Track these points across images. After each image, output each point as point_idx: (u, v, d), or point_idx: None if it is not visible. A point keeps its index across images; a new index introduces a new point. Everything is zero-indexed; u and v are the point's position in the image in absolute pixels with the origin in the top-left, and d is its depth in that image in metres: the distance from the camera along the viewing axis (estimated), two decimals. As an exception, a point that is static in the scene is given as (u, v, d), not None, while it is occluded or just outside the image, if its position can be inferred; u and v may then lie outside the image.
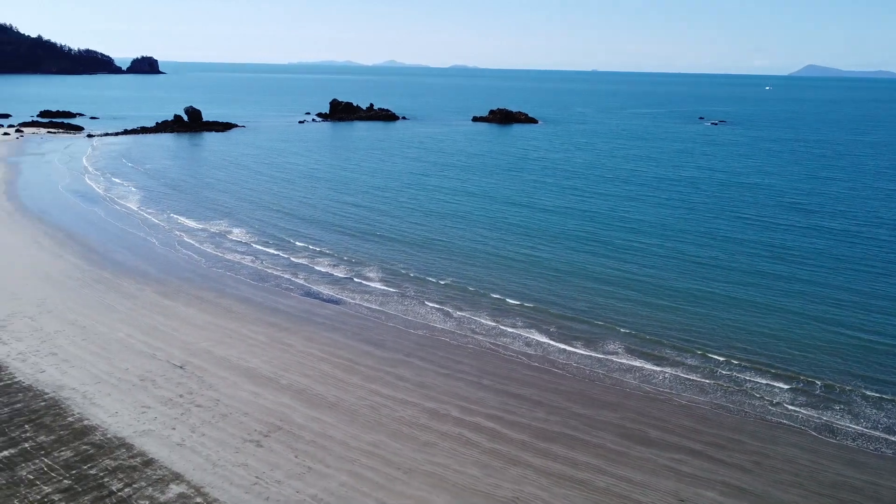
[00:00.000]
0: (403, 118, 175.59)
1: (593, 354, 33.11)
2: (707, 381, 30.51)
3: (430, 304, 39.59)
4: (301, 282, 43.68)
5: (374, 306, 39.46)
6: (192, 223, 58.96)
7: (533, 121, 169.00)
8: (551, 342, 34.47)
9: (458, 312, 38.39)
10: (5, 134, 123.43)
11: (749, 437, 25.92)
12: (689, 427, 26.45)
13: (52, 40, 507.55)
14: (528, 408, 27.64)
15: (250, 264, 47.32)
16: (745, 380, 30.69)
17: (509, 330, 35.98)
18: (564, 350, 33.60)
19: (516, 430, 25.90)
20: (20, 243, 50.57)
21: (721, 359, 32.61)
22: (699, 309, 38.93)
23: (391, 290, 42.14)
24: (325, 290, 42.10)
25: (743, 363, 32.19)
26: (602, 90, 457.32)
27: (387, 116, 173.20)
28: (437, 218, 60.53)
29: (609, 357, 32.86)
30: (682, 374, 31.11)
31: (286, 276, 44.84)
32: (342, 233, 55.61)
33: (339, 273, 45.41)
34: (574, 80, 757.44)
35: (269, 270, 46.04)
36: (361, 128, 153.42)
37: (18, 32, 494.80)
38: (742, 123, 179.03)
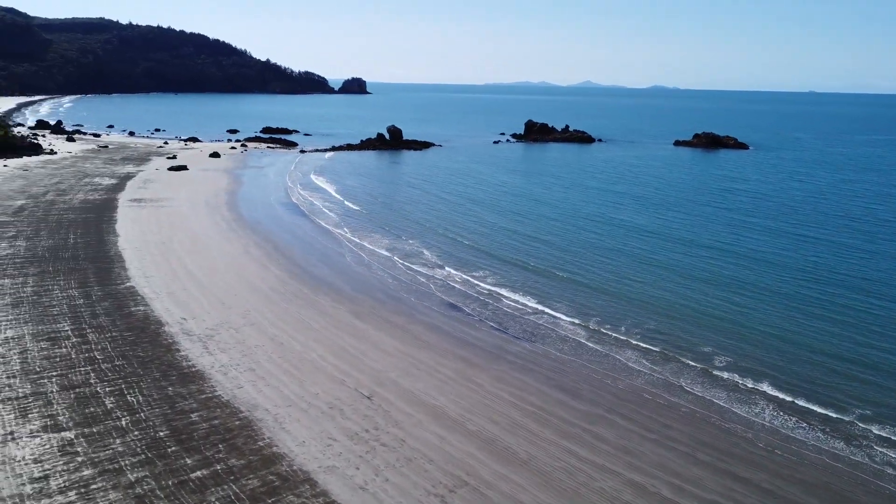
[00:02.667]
0: (599, 140, 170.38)
1: (838, 441, 27.26)
2: None
3: (629, 354, 35.63)
4: (489, 314, 41.66)
5: (567, 349, 36.33)
6: (384, 242, 59.67)
7: (742, 146, 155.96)
8: (780, 416, 29.11)
9: (661, 367, 34.11)
10: (232, 148, 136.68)
11: None
12: (984, 558, 20.33)
13: (278, 63, 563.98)
14: (758, 498, 22.95)
15: (439, 290, 46.26)
16: None
17: (724, 395, 31.06)
18: (799, 429, 28.12)
19: (743, 526, 21.46)
20: (234, 252, 53.85)
21: None
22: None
23: (583, 333, 38.70)
24: (515, 326, 39.66)
25: None
26: (822, 112, 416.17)
27: (582, 138, 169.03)
28: (629, 260, 54.16)
29: (858, 448, 26.85)
30: (963, 478, 24.48)
31: (474, 306, 43.07)
32: (526, 268, 52.05)
33: (528, 309, 42.74)
34: (788, 102, 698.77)
35: (458, 299, 44.62)
36: (555, 150, 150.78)
37: (251, 57, 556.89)
38: None
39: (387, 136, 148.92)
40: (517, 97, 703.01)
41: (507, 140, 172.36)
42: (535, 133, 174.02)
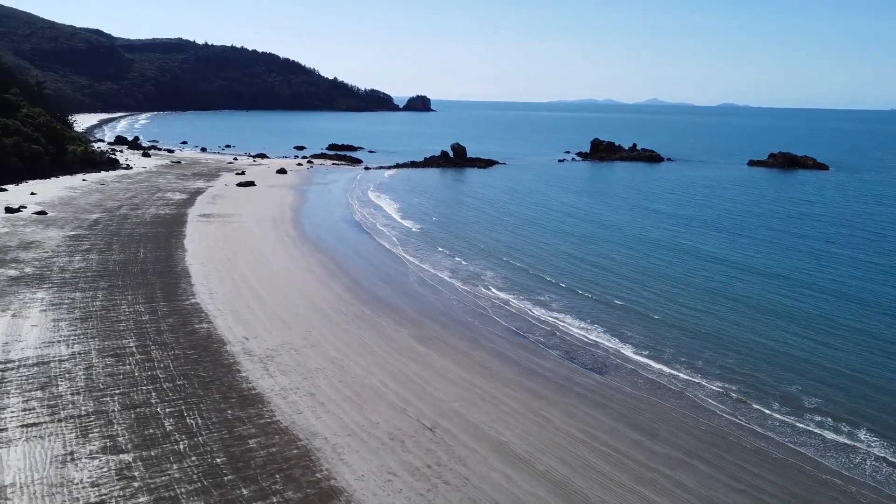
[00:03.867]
0: (668, 159, 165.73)
1: (953, 496, 24.38)
2: None
3: (708, 392, 33.19)
4: (555, 342, 39.83)
5: (640, 383, 34.18)
6: (446, 263, 58.51)
7: (822, 167, 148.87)
8: (883, 470, 26.29)
9: (744, 408, 31.60)
10: (299, 164, 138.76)
11: None
12: None
13: (345, 81, 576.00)
14: (865, 567, 20.47)
15: (502, 316, 44.65)
16: None
17: (816, 443, 28.37)
18: (907, 483, 25.30)
19: None
20: (297, 269, 53.64)
21: None
22: None
23: (656, 367, 36.32)
24: (583, 357, 37.72)
25: None
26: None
27: (650, 157, 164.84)
28: (700, 291, 50.14)
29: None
30: None
31: (538, 334, 41.29)
32: (591, 296, 49.61)
33: (595, 340, 40.53)
34: (869, 120, 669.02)
35: (521, 325, 42.95)
36: (622, 169, 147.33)
37: (319, 75, 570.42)
38: None
39: (450, 153, 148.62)
40: (582, 114, 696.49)
41: (573, 158, 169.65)
42: (602, 151, 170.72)
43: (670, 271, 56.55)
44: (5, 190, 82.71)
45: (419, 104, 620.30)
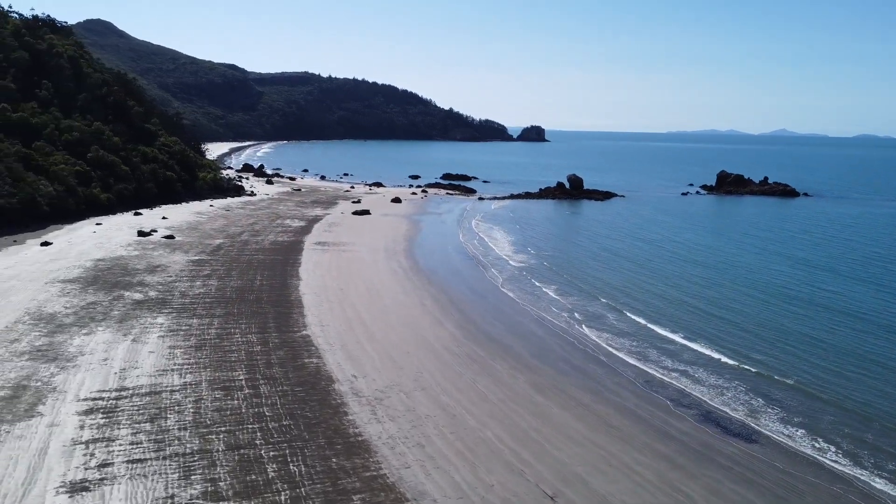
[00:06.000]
0: (805, 195, 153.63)
1: None
2: None
3: (884, 481, 27.95)
4: (689, 401, 35.56)
5: (795, 459, 29.44)
6: (563, 304, 55.01)
7: None
8: None
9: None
10: (413, 193, 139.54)
11: None
12: None
13: (460, 112, 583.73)
14: None
15: (625, 365, 40.81)
16: None
17: None
18: None
19: None
20: (409, 303, 52.03)
21: None
22: None
23: (810, 443, 31.39)
24: (723, 420, 33.29)
25: None
26: None
27: (783, 192, 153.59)
28: (851, 359, 42.62)
29: None
30: None
31: (669, 390, 37.08)
32: (723, 354, 44.54)
33: (731, 400, 36.05)
34: None
35: (648, 377, 38.94)
36: (751, 204, 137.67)
37: (436, 106, 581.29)
38: None
39: (567, 184, 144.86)
40: (704, 146, 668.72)
41: (697, 192, 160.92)
42: (729, 185, 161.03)
43: (809, 329, 49.26)
44: (140, 214, 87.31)
45: (533, 134, 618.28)
